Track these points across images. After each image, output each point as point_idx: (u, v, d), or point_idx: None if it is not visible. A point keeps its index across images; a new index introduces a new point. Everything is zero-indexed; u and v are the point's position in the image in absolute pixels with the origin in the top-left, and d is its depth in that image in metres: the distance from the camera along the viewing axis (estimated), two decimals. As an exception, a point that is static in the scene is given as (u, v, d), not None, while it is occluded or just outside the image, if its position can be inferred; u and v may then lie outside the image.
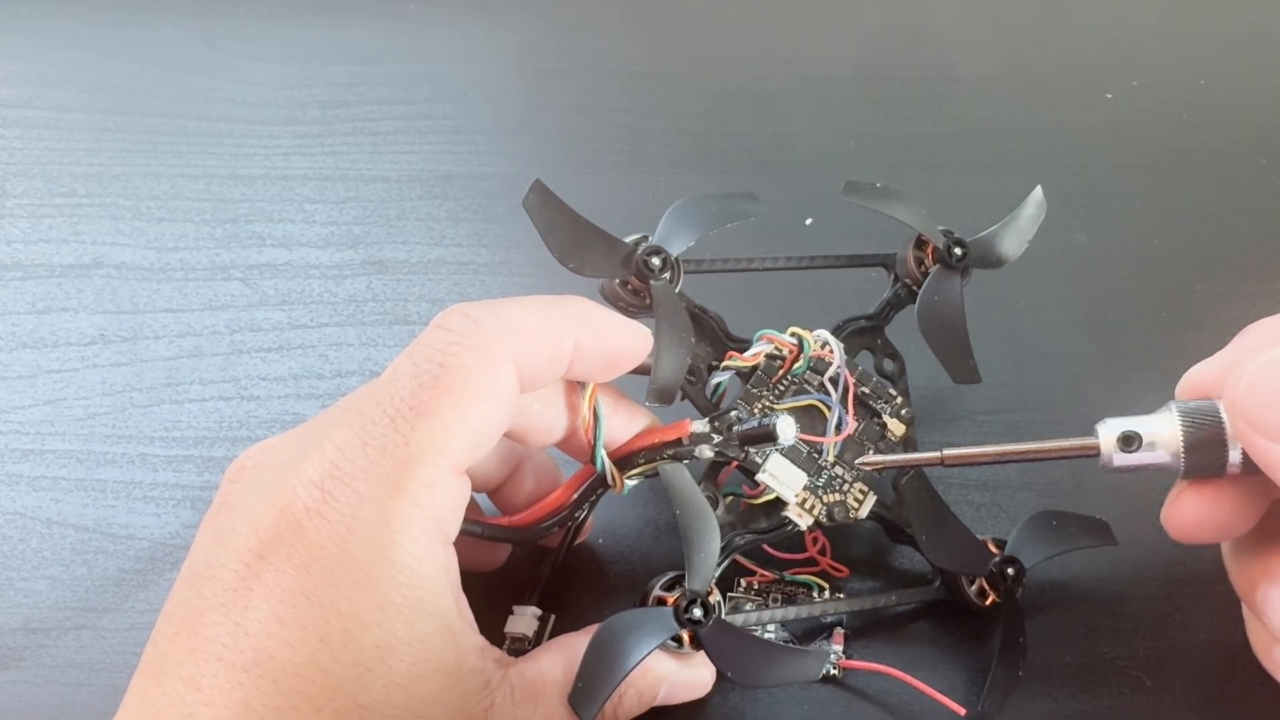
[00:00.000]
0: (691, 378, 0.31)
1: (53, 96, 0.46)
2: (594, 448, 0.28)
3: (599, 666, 0.26)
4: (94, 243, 0.41)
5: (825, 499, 0.30)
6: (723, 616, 0.28)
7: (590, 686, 0.26)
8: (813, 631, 0.32)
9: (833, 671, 0.31)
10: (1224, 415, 0.26)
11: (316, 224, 0.42)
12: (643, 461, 0.29)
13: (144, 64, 0.47)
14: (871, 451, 0.31)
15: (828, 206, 0.42)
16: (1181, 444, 0.26)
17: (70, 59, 0.47)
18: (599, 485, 0.29)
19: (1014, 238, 0.34)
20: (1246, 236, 0.43)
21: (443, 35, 0.49)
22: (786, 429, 0.28)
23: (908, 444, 0.32)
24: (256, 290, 0.40)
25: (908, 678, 0.30)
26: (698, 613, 0.27)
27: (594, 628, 0.27)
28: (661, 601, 0.27)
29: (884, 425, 0.32)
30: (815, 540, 0.33)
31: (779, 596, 0.32)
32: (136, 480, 0.35)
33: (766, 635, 0.31)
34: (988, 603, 0.31)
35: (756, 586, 0.32)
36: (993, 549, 0.32)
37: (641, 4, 0.51)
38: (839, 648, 0.31)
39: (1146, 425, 0.27)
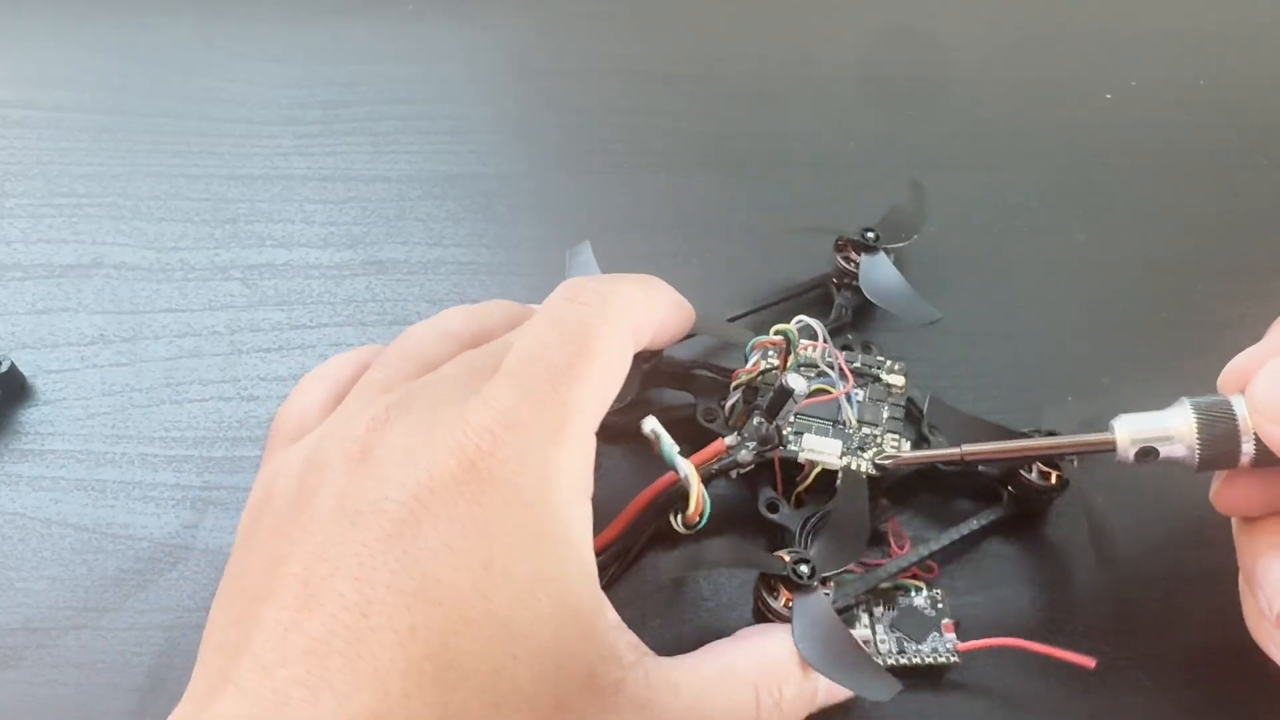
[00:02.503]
0: (709, 414, 0.34)
1: (53, 96, 0.46)
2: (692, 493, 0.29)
3: (699, 550, 0.29)
4: (94, 243, 0.41)
5: (865, 455, 0.33)
6: (830, 604, 0.29)
7: (683, 558, 0.28)
8: (924, 629, 0.32)
9: (954, 659, 0.31)
10: (1237, 409, 0.27)
11: (316, 224, 0.42)
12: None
13: (144, 64, 0.47)
14: (886, 407, 0.34)
15: (827, 206, 0.42)
16: (1197, 439, 0.27)
17: (70, 59, 0.47)
18: (654, 514, 0.31)
19: (911, 218, 0.39)
20: (1246, 236, 0.43)
21: (443, 35, 0.49)
22: (797, 380, 0.30)
23: (912, 398, 0.35)
24: (256, 290, 0.40)
25: (1030, 644, 0.30)
26: (804, 569, 0.29)
27: (743, 631, 0.29)
28: (789, 603, 0.29)
29: (886, 385, 0.35)
30: (901, 545, 0.33)
31: (879, 602, 0.32)
32: (136, 480, 0.35)
33: (880, 638, 0.31)
34: (1054, 480, 0.33)
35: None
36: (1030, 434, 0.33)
37: (641, 4, 0.51)
38: (952, 636, 0.31)
39: (1161, 421, 0.28)
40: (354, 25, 0.49)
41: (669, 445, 0.29)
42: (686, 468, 0.29)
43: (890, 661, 0.31)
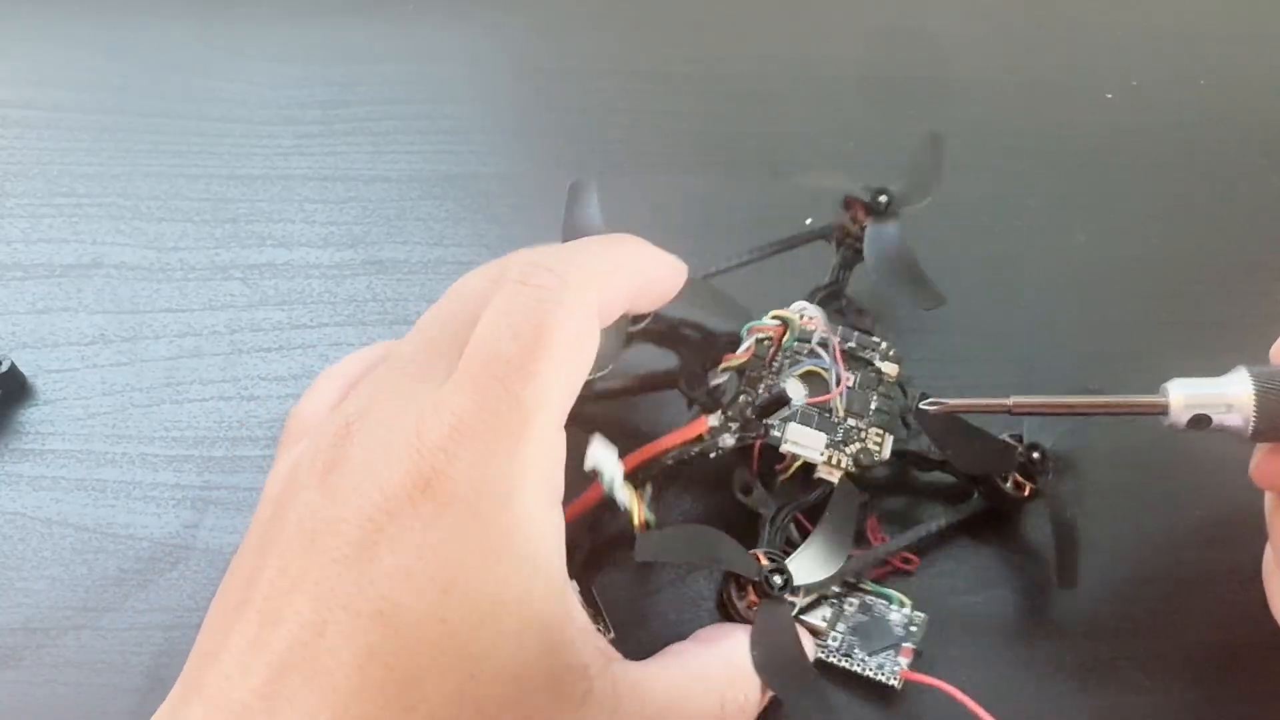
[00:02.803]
0: (692, 381, 0.32)
1: (53, 96, 0.46)
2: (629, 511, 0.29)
3: (679, 539, 0.29)
4: (94, 243, 0.41)
5: (847, 450, 0.32)
6: (793, 614, 0.29)
7: (661, 543, 0.28)
8: (882, 644, 0.31)
9: (894, 683, 0.30)
10: None
11: (316, 224, 0.42)
12: (671, 461, 0.30)
13: (144, 64, 0.47)
14: (875, 397, 0.33)
15: (828, 206, 0.42)
16: (1254, 408, 0.27)
17: (70, 59, 0.47)
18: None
19: (928, 173, 0.37)
20: (1246, 236, 0.43)
21: (443, 35, 0.49)
22: (796, 389, 0.29)
23: (902, 383, 0.34)
24: (256, 290, 0.40)
25: (965, 699, 0.29)
26: (777, 580, 0.29)
27: (698, 634, 0.29)
28: (753, 606, 0.29)
29: (878, 371, 0.34)
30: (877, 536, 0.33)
31: (854, 602, 0.32)
32: (136, 480, 0.35)
33: (833, 635, 0.31)
34: (1027, 493, 0.33)
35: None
36: (1013, 443, 0.33)
37: (641, 4, 0.51)
38: (905, 661, 0.31)
39: (1218, 387, 0.27)
40: (354, 25, 0.49)
41: (609, 478, 0.27)
42: (626, 498, 0.28)
43: (831, 660, 0.30)
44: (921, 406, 0.31)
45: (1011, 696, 0.31)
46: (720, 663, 0.28)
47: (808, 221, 0.42)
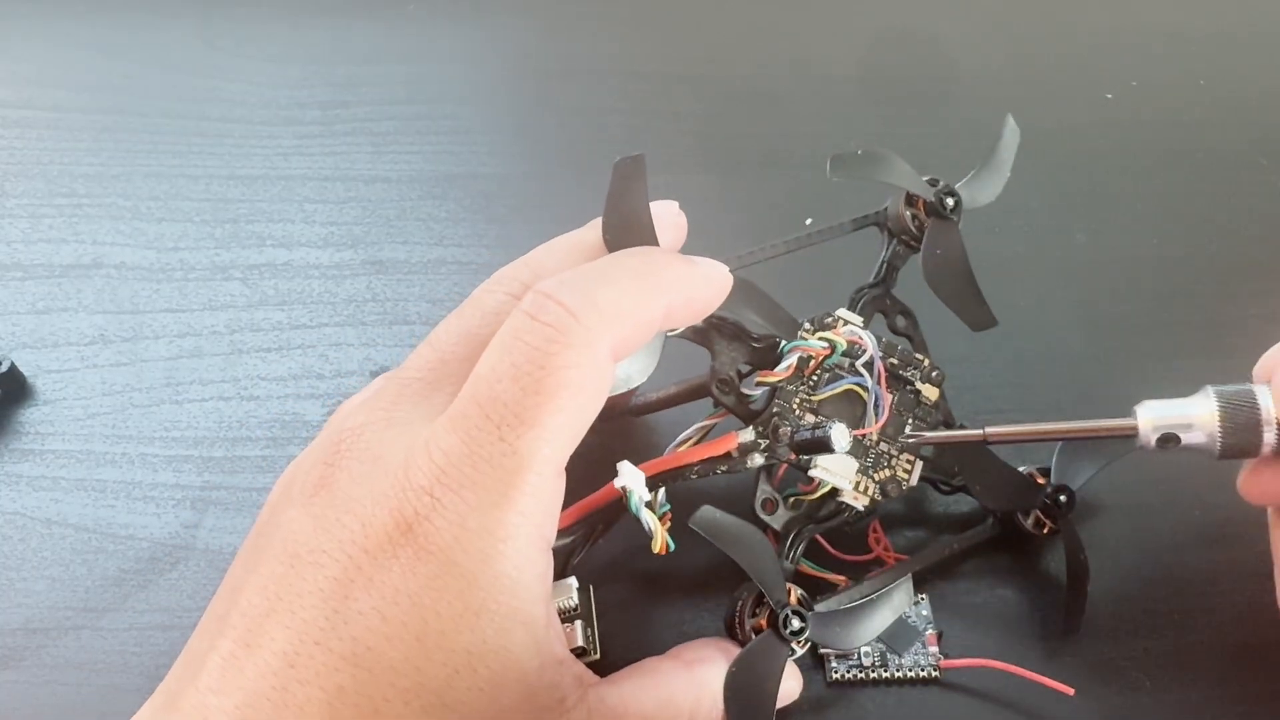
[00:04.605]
0: (724, 386, 0.30)
1: (53, 96, 0.46)
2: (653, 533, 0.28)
3: (734, 532, 0.27)
4: (94, 243, 0.41)
5: (876, 477, 0.31)
6: (815, 609, 0.28)
7: (717, 525, 0.27)
8: (907, 640, 0.32)
9: (934, 674, 0.31)
10: (1260, 399, 0.27)
11: (316, 224, 0.42)
12: (695, 476, 0.29)
13: (144, 64, 0.47)
14: (910, 420, 0.32)
15: (828, 206, 0.42)
16: (1218, 427, 0.27)
17: (70, 59, 0.47)
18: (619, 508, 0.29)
19: (997, 174, 0.34)
20: (1246, 236, 0.43)
21: (443, 35, 0.49)
22: (841, 437, 0.28)
23: (940, 407, 0.33)
24: (256, 290, 0.40)
25: (1011, 667, 0.30)
26: (794, 623, 0.28)
27: (678, 650, 0.28)
28: (758, 629, 0.28)
29: (917, 392, 0.32)
30: (878, 540, 0.33)
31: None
32: (136, 480, 0.35)
33: (865, 649, 0.31)
34: (1045, 531, 0.33)
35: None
36: (1039, 480, 0.33)
37: (641, 4, 0.51)
38: (934, 649, 0.31)
39: (1184, 409, 0.28)
40: (354, 25, 0.49)
41: (636, 501, 0.27)
42: (651, 522, 0.27)
43: (872, 675, 0.31)
44: (901, 439, 0.31)
45: (1012, 697, 0.31)
46: (692, 687, 0.27)
47: (808, 221, 0.42)
